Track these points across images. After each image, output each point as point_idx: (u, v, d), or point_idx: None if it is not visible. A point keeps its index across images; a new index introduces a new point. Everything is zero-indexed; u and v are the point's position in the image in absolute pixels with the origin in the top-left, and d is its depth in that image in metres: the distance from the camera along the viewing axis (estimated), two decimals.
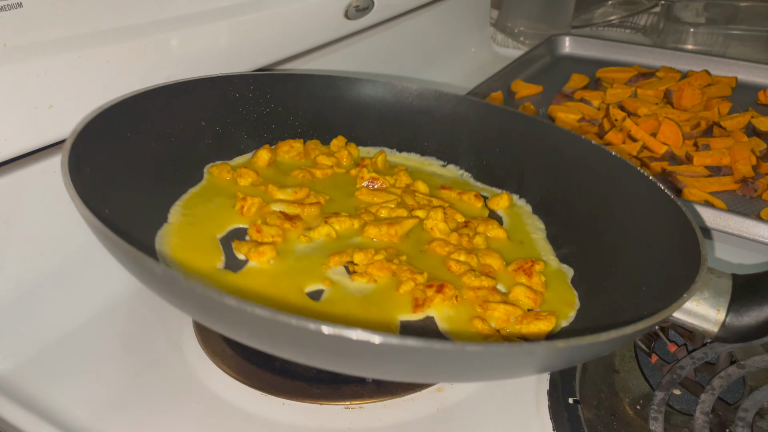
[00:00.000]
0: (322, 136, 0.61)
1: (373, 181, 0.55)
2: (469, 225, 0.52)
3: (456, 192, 0.57)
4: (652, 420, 0.41)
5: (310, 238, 0.48)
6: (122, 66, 0.51)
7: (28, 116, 0.45)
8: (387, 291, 0.44)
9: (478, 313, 0.43)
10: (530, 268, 0.47)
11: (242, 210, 0.49)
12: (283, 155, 0.58)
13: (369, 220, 0.50)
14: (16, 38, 0.44)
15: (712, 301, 0.39)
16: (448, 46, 1.01)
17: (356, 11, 0.72)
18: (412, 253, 0.48)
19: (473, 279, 0.45)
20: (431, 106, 0.61)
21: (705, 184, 0.66)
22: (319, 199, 0.52)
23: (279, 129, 0.59)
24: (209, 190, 0.52)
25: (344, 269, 0.46)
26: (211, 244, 0.46)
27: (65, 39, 0.47)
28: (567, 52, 1.03)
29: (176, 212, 0.49)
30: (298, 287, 0.43)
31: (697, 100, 0.81)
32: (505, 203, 0.56)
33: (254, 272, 0.44)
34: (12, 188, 0.48)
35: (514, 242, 0.52)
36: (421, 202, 0.54)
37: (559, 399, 0.44)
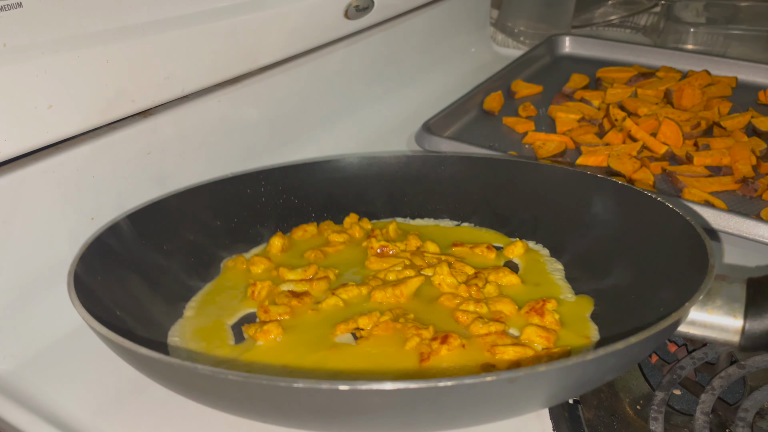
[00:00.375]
0: (335, 216, 0.62)
1: (383, 249, 0.55)
2: (479, 275, 0.51)
3: (468, 247, 0.56)
4: (653, 420, 0.41)
5: (317, 311, 0.48)
6: (122, 66, 0.51)
7: (27, 116, 0.46)
8: (392, 349, 0.44)
9: (487, 358, 0.42)
10: (542, 308, 0.46)
11: (253, 295, 0.50)
12: (298, 240, 0.59)
13: (376, 285, 0.50)
14: (16, 38, 0.44)
15: (726, 309, 0.38)
16: (448, 46, 1.01)
17: (356, 11, 0.72)
18: (420, 310, 0.48)
19: (481, 326, 0.44)
20: (437, 170, 0.62)
21: (705, 184, 0.66)
22: (328, 273, 0.52)
23: (293, 216, 0.61)
24: (223, 282, 0.54)
25: (352, 336, 0.46)
26: (220, 331, 0.48)
27: (65, 39, 0.47)
28: (567, 51, 1.02)
29: (190, 307, 0.51)
30: (302, 358, 0.44)
31: (698, 100, 0.81)
32: (520, 250, 0.55)
33: (260, 350, 0.45)
34: (12, 188, 0.48)
35: (530, 285, 0.51)
36: (431, 261, 0.53)
37: None
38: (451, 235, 0.60)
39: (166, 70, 0.54)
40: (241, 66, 0.62)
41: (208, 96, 0.62)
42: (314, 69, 0.74)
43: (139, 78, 0.52)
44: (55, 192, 0.51)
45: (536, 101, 0.87)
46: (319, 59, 0.74)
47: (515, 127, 0.80)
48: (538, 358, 0.42)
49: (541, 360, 0.42)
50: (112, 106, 0.51)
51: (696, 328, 0.39)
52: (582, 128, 0.78)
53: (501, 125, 0.81)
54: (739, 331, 0.38)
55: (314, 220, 0.62)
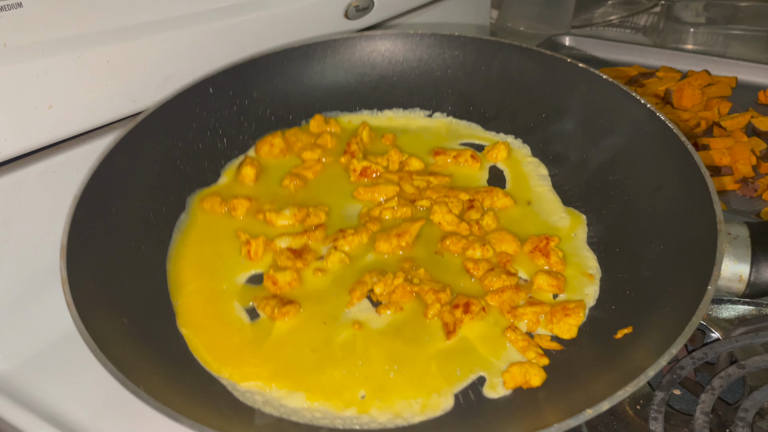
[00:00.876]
0: (297, 118, 0.57)
1: (366, 171, 0.53)
2: (475, 204, 0.51)
3: (451, 155, 0.54)
4: (652, 420, 0.41)
5: (324, 271, 0.47)
6: (122, 66, 0.51)
7: (27, 116, 0.46)
8: (415, 319, 0.44)
9: (509, 322, 0.44)
10: (546, 247, 0.47)
11: (249, 254, 0.48)
12: (267, 157, 0.55)
13: (376, 230, 0.49)
14: (16, 38, 0.44)
15: (734, 263, 0.39)
16: None
17: (356, 11, 0.72)
18: (428, 259, 0.48)
19: (495, 280, 0.45)
20: (400, 51, 0.56)
21: None
22: (320, 215, 0.51)
23: (254, 124, 0.56)
24: (204, 229, 0.50)
25: (368, 302, 0.45)
26: (230, 311, 0.45)
27: (65, 39, 0.47)
28: (567, 52, 1.02)
29: (184, 281, 0.47)
30: (329, 342, 0.43)
31: (697, 100, 0.81)
32: (503, 154, 0.54)
33: (283, 333, 0.43)
34: (12, 188, 0.48)
35: (522, 205, 0.51)
36: (420, 186, 0.52)
37: None
38: (427, 135, 0.56)
39: (166, 70, 0.54)
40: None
41: None
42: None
43: (139, 78, 0.52)
44: (55, 192, 0.51)
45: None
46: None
47: None
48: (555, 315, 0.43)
49: (556, 316, 0.43)
50: (112, 106, 0.51)
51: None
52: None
53: None
54: (745, 282, 0.39)
55: (275, 127, 0.56)
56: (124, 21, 0.50)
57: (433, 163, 0.55)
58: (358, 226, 0.50)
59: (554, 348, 0.43)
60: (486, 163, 0.55)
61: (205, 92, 0.54)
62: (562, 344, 0.43)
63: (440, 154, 0.55)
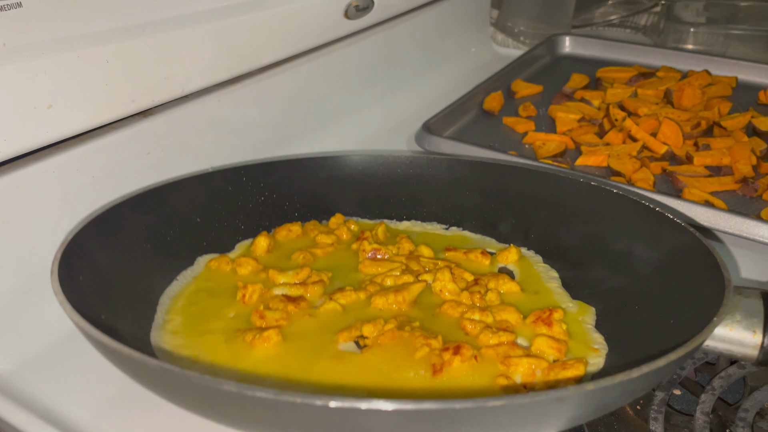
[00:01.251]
0: (319, 216, 0.61)
1: (376, 252, 0.54)
2: (480, 282, 0.50)
3: (462, 252, 0.55)
4: (653, 420, 0.41)
5: (315, 317, 0.46)
6: (122, 66, 0.51)
7: (27, 116, 0.46)
8: (401, 359, 0.41)
9: (501, 370, 0.41)
10: (549, 318, 0.45)
11: (244, 299, 0.48)
12: (283, 240, 0.57)
13: (375, 291, 0.48)
14: (16, 38, 0.44)
15: (746, 323, 0.38)
16: (448, 46, 1.01)
17: (356, 11, 0.72)
18: (424, 318, 0.46)
19: (491, 336, 0.43)
20: (425, 171, 0.61)
21: (705, 184, 0.66)
22: (322, 277, 0.50)
23: (275, 215, 0.59)
24: (206, 282, 0.51)
25: (355, 344, 0.44)
26: (213, 339, 0.45)
27: (65, 39, 0.47)
28: (567, 51, 1.02)
29: (176, 308, 0.48)
30: (307, 369, 0.41)
31: (698, 99, 0.81)
32: (514, 257, 0.54)
33: (260, 358, 0.42)
34: (11, 188, 0.47)
35: (529, 294, 0.50)
36: (427, 266, 0.52)
37: None
38: (443, 239, 0.58)
39: (166, 70, 0.54)
40: (241, 66, 0.62)
41: (208, 96, 0.62)
42: (314, 69, 0.74)
43: (139, 78, 0.52)
44: (55, 192, 0.51)
45: (536, 101, 0.87)
46: (319, 59, 0.74)
47: (515, 127, 0.80)
48: (553, 369, 0.41)
49: (554, 370, 0.41)
50: (112, 106, 0.51)
51: (715, 342, 0.39)
52: (582, 128, 0.78)
53: (501, 125, 0.81)
54: (758, 346, 0.38)
55: (297, 220, 0.60)
56: (124, 21, 0.50)
57: (444, 256, 0.55)
58: (357, 287, 0.49)
59: None
60: (496, 263, 0.55)
61: (239, 178, 0.58)
62: None
63: (451, 250, 0.56)
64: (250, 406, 0.30)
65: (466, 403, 0.27)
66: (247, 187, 0.58)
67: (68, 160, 0.51)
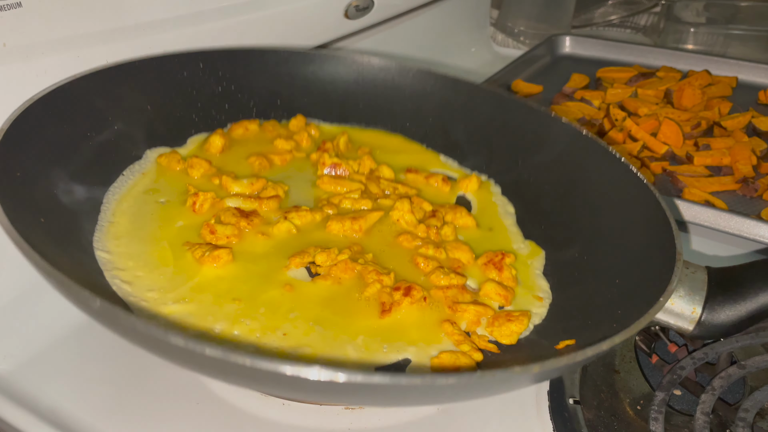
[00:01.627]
0: (279, 116, 0.57)
1: (335, 167, 0.52)
2: (437, 214, 0.50)
3: (423, 176, 0.54)
4: (653, 420, 0.41)
5: (268, 236, 0.45)
6: None
7: None
8: (351, 294, 0.41)
9: (448, 315, 0.42)
10: (500, 262, 0.46)
11: (194, 207, 0.46)
12: (239, 138, 0.54)
13: (332, 213, 0.48)
14: (16, 38, 0.44)
15: (688, 299, 0.38)
16: (447, 46, 1.01)
17: (356, 11, 0.72)
18: (378, 249, 0.46)
19: (442, 277, 0.44)
20: (395, 80, 0.58)
21: (705, 184, 0.66)
22: (278, 191, 0.49)
23: (233, 109, 0.55)
24: (157, 183, 0.48)
25: (306, 270, 0.43)
26: (159, 247, 0.42)
27: (65, 39, 0.47)
28: (567, 51, 1.02)
29: (122, 210, 0.45)
30: (256, 295, 0.40)
31: (698, 99, 0.81)
32: (474, 186, 0.54)
33: (207, 279, 0.41)
34: None
35: (484, 229, 0.50)
36: (387, 190, 0.51)
37: (559, 399, 0.44)
38: (404, 156, 0.56)
39: None
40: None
41: None
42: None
43: None
44: None
45: (536, 101, 0.87)
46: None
47: None
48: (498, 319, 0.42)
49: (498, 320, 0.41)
50: None
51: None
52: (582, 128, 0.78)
53: None
54: (695, 321, 0.38)
55: (256, 117, 0.56)
56: (123, 21, 0.50)
57: (404, 178, 0.55)
58: (314, 207, 0.48)
59: (491, 349, 0.41)
60: (456, 191, 0.54)
61: (195, 64, 0.53)
62: (500, 348, 0.41)
63: (412, 172, 0.55)
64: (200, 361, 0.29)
65: (413, 379, 0.27)
66: (204, 76, 0.54)
67: None
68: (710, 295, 0.38)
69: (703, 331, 0.39)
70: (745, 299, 0.38)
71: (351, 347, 0.38)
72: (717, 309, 0.38)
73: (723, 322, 0.38)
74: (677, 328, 0.39)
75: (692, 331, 0.39)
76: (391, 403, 0.36)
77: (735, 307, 0.38)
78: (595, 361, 0.48)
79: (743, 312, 0.38)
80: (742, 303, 0.38)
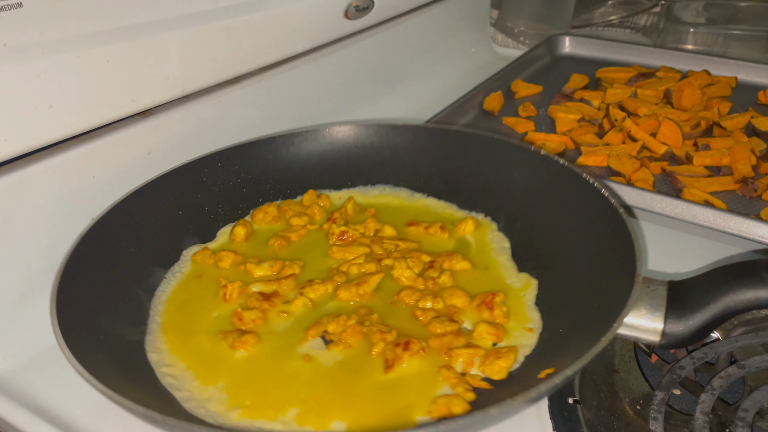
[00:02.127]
0: (294, 192, 0.64)
1: (343, 234, 0.59)
2: (435, 264, 0.55)
3: (423, 226, 0.60)
4: (652, 420, 0.41)
5: (288, 313, 0.51)
6: (122, 66, 0.51)
7: (27, 116, 0.46)
8: (361, 355, 0.47)
9: (445, 361, 0.46)
10: (491, 302, 0.50)
11: (225, 296, 0.52)
12: (260, 222, 0.61)
13: (341, 282, 0.53)
14: (16, 38, 0.44)
15: (649, 316, 0.42)
16: (448, 46, 1.01)
17: (356, 11, 0.72)
18: (383, 307, 0.52)
19: (438, 326, 0.49)
20: (390, 140, 0.64)
21: (705, 184, 0.66)
22: (294, 269, 0.55)
23: (252, 196, 0.62)
24: (193, 279, 0.55)
25: (321, 340, 0.49)
26: (198, 341, 0.49)
27: (65, 39, 0.47)
28: (567, 52, 1.03)
29: (164, 310, 0.51)
30: (280, 369, 0.46)
31: (697, 100, 0.81)
32: (470, 227, 0.60)
33: (241, 362, 0.47)
34: (12, 188, 0.48)
35: (480, 269, 0.55)
36: (389, 248, 0.57)
37: (558, 399, 0.44)
38: (406, 211, 0.63)
39: (166, 70, 0.54)
40: (241, 66, 0.63)
41: (208, 96, 0.62)
42: (314, 69, 0.74)
43: (139, 78, 0.53)
44: (55, 192, 0.51)
45: (536, 101, 0.87)
46: (319, 59, 0.74)
47: (515, 128, 0.80)
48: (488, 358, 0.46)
49: (489, 358, 0.46)
50: (112, 106, 0.51)
51: (623, 329, 0.42)
52: (582, 128, 0.78)
53: (501, 125, 0.81)
54: (659, 333, 0.42)
55: (273, 198, 0.63)
56: (124, 21, 0.51)
57: (407, 232, 0.60)
58: (326, 278, 0.54)
59: (484, 387, 0.44)
60: (455, 235, 0.60)
61: (214, 164, 0.60)
62: (493, 385, 0.45)
63: (413, 225, 0.61)
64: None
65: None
66: (222, 173, 0.60)
67: (68, 160, 0.51)
68: (669, 309, 0.42)
69: (670, 341, 0.42)
70: (702, 309, 0.41)
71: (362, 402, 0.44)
72: (678, 321, 0.41)
73: (684, 331, 0.41)
74: (645, 341, 0.42)
75: (660, 342, 0.42)
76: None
77: (694, 317, 0.41)
78: (594, 361, 0.48)
79: (700, 321, 0.41)
80: (699, 313, 0.41)
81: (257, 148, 0.62)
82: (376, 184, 0.65)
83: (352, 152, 0.64)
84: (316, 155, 0.64)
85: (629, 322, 0.42)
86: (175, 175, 0.57)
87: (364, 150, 0.64)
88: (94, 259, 0.48)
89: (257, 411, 0.43)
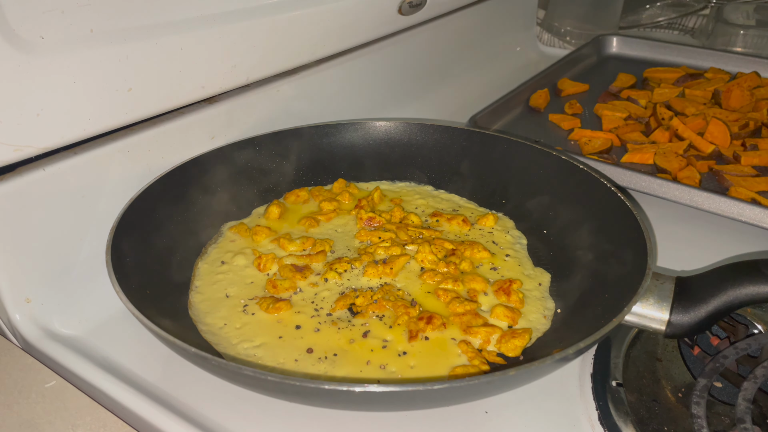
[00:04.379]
0: (324, 180, 0.68)
1: (371, 220, 0.61)
2: (456, 252, 0.58)
3: (446, 218, 0.63)
4: (695, 405, 0.42)
5: (317, 285, 0.54)
6: (194, 54, 0.54)
7: (109, 98, 0.49)
8: (386, 326, 0.50)
9: (463, 336, 0.49)
10: (509, 288, 0.53)
11: (260, 266, 0.56)
12: (292, 204, 0.65)
13: (368, 261, 0.56)
14: (101, 24, 0.47)
15: (657, 306, 0.45)
16: (494, 45, 1.02)
17: (410, 7, 0.74)
18: (408, 286, 0.55)
19: (458, 306, 0.52)
20: (417, 138, 0.68)
21: (752, 183, 0.66)
22: (324, 246, 0.58)
23: (288, 179, 0.66)
24: (232, 248, 0.59)
25: (349, 312, 0.52)
26: (233, 303, 0.52)
27: (145, 27, 0.50)
28: (614, 51, 1.03)
29: (207, 276, 0.55)
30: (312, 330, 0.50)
31: (746, 101, 0.81)
32: (491, 223, 0.62)
33: (275, 321, 0.50)
34: (91, 165, 0.51)
35: (499, 260, 0.58)
36: (413, 236, 0.60)
37: (603, 381, 0.46)
38: (430, 204, 0.65)
39: (233, 59, 0.57)
40: (300, 57, 0.65)
41: (269, 85, 0.65)
42: (367, 63, 0.76)
43: (209, 65, 0.55)
44: (128, 170, 0.54)
45: (582, 99, 0.88)
46: (370, 54, 0.77)
47: (561, 124, 0.81)
48: (504, 337, 0.49)
49: (505, 337, 0.49)
50: (184, 91, 0.54)
51: (631, 317, 0.44)
52: (628, 126, 0.79)
53: (547, 122, 0.83)
54: (665, 322, 0.44)
55: (304, 184, 0.67)
56: (197, 12, 0.54)
57: (430, 222, 0.63)
58: (354, 257, 0.57)
59: (498, 362, 0.47)
60: (476, 228, 0.62)
61: (252, 149, 0.64)
62: (507, 360, 0.47)
63: (437, 216, 0.63)
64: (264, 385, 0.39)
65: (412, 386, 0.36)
66: (260, 157, 0.64)
67: (141, 142, 0.54)
68: (676, 301, 0.45)
69: (675, 331, 0.44)
70: (706, 302, 0.44)
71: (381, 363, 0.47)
72: (683, 312, 0.44)
73: (690, 322, 0.44)
74: (653, 330, 0.45)
75: (666, 331, 0.44)
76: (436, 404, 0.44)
77: (698, 309, 0.44)
78: (638, 348, 0.49)
79: (704, 313, 0.44)
80: (703, 306, 0.44)
81: (292, 135, 0.65)
82: (403, 180, 0.69)
83: (381, 147, 0.68)
84: (346, 146, 0.68)
85: (638, 311, 0.44)
86: (221, 155, 0.61)
87: (393, 146, 0.68)
88: (144, 222, 0.52)
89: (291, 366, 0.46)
